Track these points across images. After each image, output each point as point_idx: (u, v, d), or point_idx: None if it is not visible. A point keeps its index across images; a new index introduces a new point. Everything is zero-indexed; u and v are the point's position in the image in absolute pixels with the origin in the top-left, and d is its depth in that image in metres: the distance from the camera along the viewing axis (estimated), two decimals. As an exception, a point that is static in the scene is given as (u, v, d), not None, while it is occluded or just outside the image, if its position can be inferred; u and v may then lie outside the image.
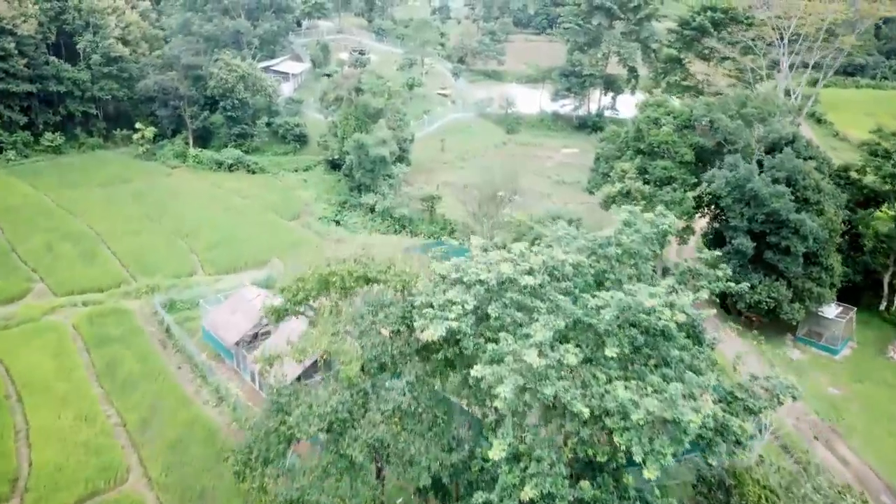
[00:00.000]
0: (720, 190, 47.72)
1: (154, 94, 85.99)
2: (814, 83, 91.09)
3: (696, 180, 51.99)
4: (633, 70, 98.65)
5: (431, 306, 23.26)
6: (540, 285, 23.45)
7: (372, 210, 70.06)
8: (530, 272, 23.39)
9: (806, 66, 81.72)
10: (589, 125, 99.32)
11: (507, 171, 63.16)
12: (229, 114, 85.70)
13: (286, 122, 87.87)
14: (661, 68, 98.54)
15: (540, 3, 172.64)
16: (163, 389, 40.14)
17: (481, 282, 22.73)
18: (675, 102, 54.98)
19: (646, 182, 53.39)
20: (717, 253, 28.15)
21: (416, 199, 70.33)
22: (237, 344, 42.15)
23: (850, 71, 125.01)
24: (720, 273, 27.66)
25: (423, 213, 70.83)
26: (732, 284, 27.71)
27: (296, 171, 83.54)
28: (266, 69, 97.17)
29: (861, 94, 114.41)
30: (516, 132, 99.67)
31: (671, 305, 23.40)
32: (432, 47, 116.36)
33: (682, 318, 22.97)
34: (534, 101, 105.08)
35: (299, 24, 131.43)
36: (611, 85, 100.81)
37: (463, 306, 22.28)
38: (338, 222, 71.13)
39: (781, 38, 78.11)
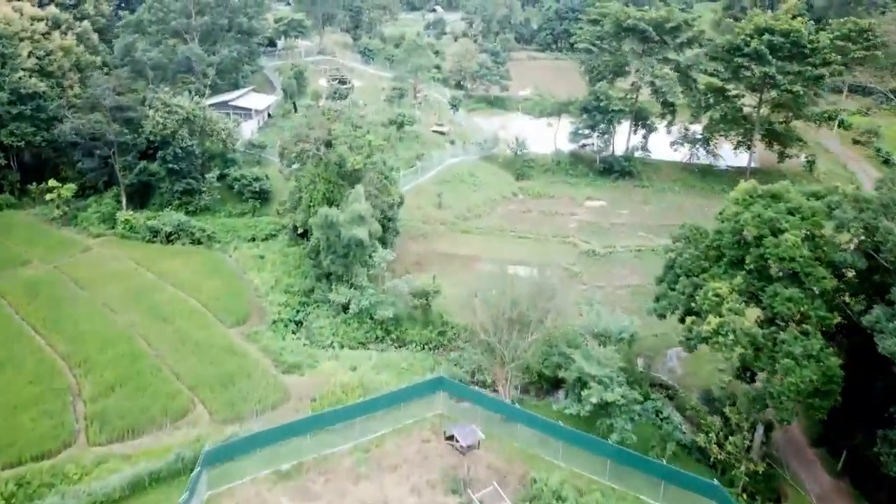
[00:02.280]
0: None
1: (77, 139, 66.22)
2: None
3: (838, 319, 32.69)
4: (668, 104, 79.33)
5: None
6: None
7: (345, 309, 50.51)
8: None
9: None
10: (616, 169, 79.89)
11: (537, 279, 43.26)
12: (170, 166, 66.00)
13: (243, 175, 68.07)
14: (703, 101, 79.41)
15: (543, 17, 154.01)
16: None
17: None
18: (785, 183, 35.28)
19: (744, 301, 34.16)
20: None
21: (405, 294, 50.80)
22: None
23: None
24: None
25: (414, 311, 51.34)
26: None
27: (253, 239, 63.74)
28: (222, 105, 77.57)
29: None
30: (528, 177, 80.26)
31: None
32: (426, 72, 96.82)
33: None
34: (545, 136, 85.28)
35: (273, 45, 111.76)
36: (643, 121, 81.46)
37: None
38: (300, 324, 51.69)
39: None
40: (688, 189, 78.95)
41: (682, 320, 38.99)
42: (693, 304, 35.56)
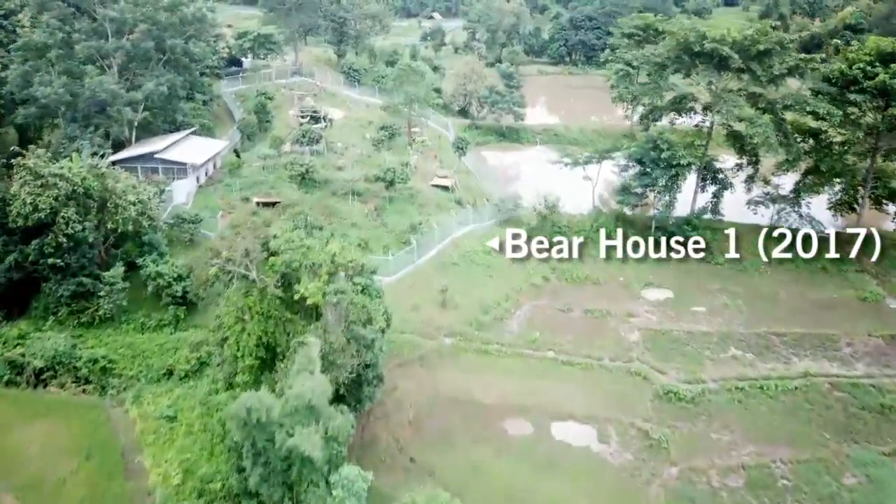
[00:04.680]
0: None
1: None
2: None
3: None
4: (751, 153, 56.76)
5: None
6: None
7: (288, 562, 27.98)
8: None
9: None
10: (680, 240, 57.05)
11: None
12: (52, 261, 43.37)
13: (159, 273, 45.04)
14: (799, 150, 56.89)
15: (555, 26, 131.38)
16: None
17: None
18: None
19: None
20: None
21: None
22: None
23: None
24: None
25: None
26: None
27: (168, 375, 41.15)
28: (147, 158, 54.64)
29: None
30: (560, 249, 57.54)
31: None
32: (424, 102, 73.95)
33: None
34: (575, 179, 62.69)
35: (238, 64, 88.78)
36: (713, 175, 58.85)
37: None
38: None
39: None
40: (776, 267, 56.31)
41: None
42: None
